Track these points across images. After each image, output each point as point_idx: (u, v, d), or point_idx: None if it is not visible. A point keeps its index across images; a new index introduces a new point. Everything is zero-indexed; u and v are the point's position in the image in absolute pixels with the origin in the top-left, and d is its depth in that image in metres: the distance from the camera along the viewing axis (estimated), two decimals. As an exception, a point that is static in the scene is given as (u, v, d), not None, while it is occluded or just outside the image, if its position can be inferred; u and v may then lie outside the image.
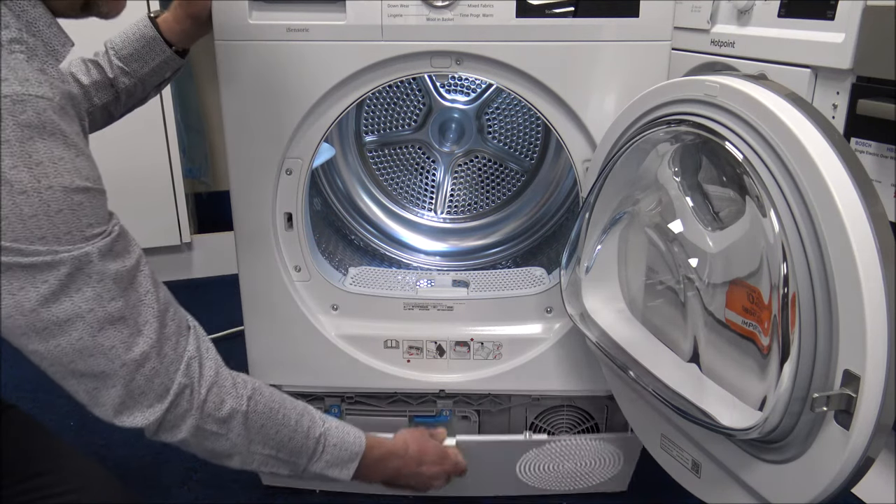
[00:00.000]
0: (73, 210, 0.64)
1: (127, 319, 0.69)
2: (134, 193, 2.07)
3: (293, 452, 0.84)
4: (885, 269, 0.64)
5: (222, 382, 0.78)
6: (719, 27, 1.50)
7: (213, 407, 0.76)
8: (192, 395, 0.75)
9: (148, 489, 1.36)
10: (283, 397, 0.85)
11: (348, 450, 0.88)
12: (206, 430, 0.76)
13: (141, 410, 0.72)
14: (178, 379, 0.73)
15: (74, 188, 0.64)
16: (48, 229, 0.63)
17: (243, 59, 1.02)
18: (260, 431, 0.80)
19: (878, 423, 0.65)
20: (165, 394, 0.73)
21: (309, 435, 0.85)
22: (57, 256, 0.63)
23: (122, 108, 1.03)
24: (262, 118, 1.05)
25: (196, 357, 0.76)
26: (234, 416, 0.78)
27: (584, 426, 1.27)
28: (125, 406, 0.72)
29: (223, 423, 0.77)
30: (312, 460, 0.85)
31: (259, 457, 0.82)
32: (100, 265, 0.67)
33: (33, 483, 0.87)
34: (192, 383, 0.75)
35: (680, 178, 0.91)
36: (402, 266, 1.39)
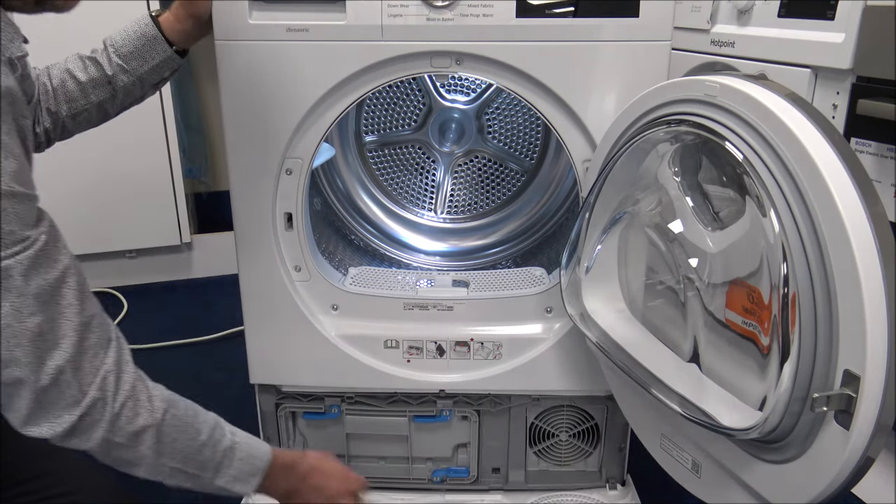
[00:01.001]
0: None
1: (45, 334, 0.68)
2: (134, 193, 2.07)
3: (200, 466, 0.83)
4: (885, 269, 0.64)
5: (138, 396, 0.75)
6: (719, 27, 1.50)
7: (125, 421, 0.74)
8: (105, 409, 0.73)
9: (148, 489, 1.36)
10: (197, 410, 0.83)
11: (254, 464, 0.86)
12: (116, 442, 0.75)
13: (49, 421, 0.70)
14: (90, 392, 0.71)
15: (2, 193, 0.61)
16: None
17: (243, 59, 1.02)
18: (171, 445, 0.79)
19: (878, 423, 0.65)
20: (76, 406, 0.71)
21: (217, 448, 0.83)
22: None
23: (118, 107, 1.03)
24: (262, 118, 1.05)
25: (113, 371, 0.73)
26: (146, 431, 0.76)
27: (584, 426, 1.27)
28: (33, 416, 0.70)
29: (134, 437, 0.76)
30: (218, 474, 0.84)
31: (167, 469, 0.81)
32: (20, 280, 0.64)
33: (31, 485, 0.87)
34: (106, 397, 0.73)
35: (680, 178, 0.91)
36: (402, 266, 1.39)
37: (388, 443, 1.27)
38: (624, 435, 1.26)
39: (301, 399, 1.24)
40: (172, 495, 1.35)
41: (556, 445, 1.28)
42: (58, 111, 0.97)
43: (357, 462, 1.29)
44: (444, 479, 1.29)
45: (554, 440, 1.28)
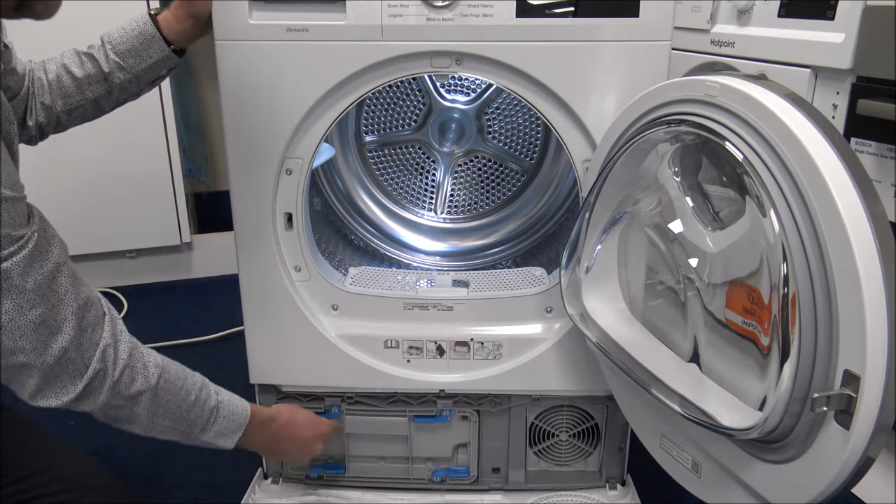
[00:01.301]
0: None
1: (47, 321, 0.72)
2: (134, 193, 2.07)
3: (190, 424, 0.91)
4: (885, 269, 0.64)
5: (134, 364, 0.82)
6: (719, 27, 1.50)
7: (124, 386, 0.81)
8: (105, 378, 0.79)
9: (148, 489, 1.36)
10: (185, 371, 0.91)
11: (236, 421, 0.95)
12: (115, 405, 0.81)
13: (55, 393, 0.76)
14: (93, 365, 0.78)
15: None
16: None
17: (243, 59, 1.02)
18: (164, 406, 0.86)
19: (878, 423, 0.65)
20: (80, 378, 0.77)
21: (205, 408, 0.91)
22: None
23: (113, 102, 1.03)
24: (262, 118, 1.05)
25: (111, 343, 0.80)
26: (142, 394, 0.83)
27: (584, 426, 1.27)
28: (41, 390, 0.76)
29: (132, 399, 0.83)
30: (205, 430, 0.92)
31: (159, 427, 0.88)
32: (18, 280, 0.68)
33: (31, 482, 0.87)
34: (107, 367, 0.79)
35: (680, 178, 0.91)
36: (402, 266, 1.39)
37: (388, 443, 1.27)
38: (624, 435, 1.26)
39: (301, 399, 1.24)
40: (173, 495, 1.35)
41: (556, 445, 1.28)
42: (52, 105, 0.97)
43: (357, 462, 1.29)
44: (444, 479, 1.29)
45: (554, 440, 1.28)
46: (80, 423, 1.56)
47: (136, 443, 1.47)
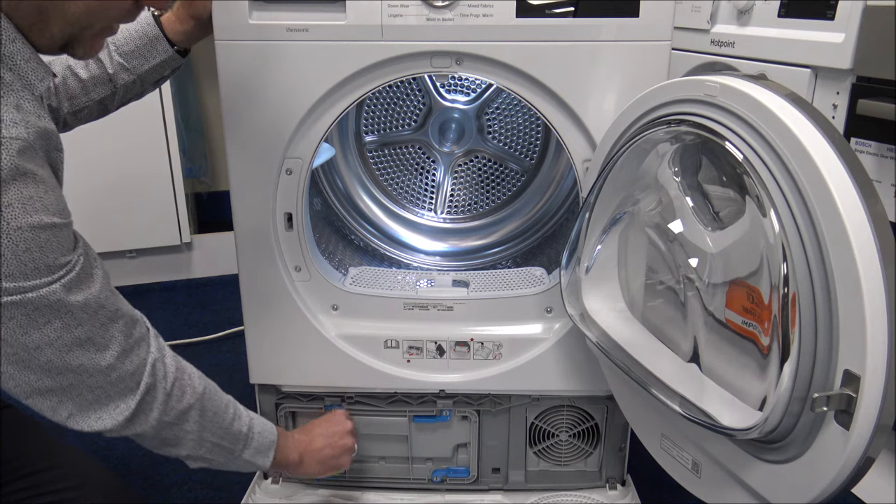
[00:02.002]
0: (41, 247, 0.66)
1: (94, 339, 0.73)
2: (134, 193, 2.07)
3: (234, 439, 0.90)
4: (885, 269, 0.64)
5: (181, 376, 0.83)
6: (719, 27, 1.50)
7: (175, 400, 0.82)
8: (157, 391, 0.80)
9: (148, 489, 1.36)
10: (216, 386, 0.90)
11: (268, 437, 0.95)
12: (167, 421, 0.82)
13: (108, 412, 0.77)
14: (144, 380, 0.78)
15: (42, 226, 0.66)
16: (15, 267, 0.64)
17: (243, 59, 1.02)
18: (211, 420, 0.87)
19: (878, 423, 0.65)
20: (133, 394, 0.78)
21: (242, 423, 0.92)
22: (25, 296, 0.65)
23: (118, 103, 1.03)
24: (262, 118, 1.05)
25: (159, 358, 0.81)
26: (192, 407, 0.84)
27: (584, 426, 1.27)
28: (94, 411, 0.76)
29: (182, 414, 0.83)
30: (246, 447, 0.92)
31: (208, 444, 0.88)
32: (66, 299, 0.69)
33: (32, 480, 0.87)
34: (157, 381, 0.80)
35: (680, 178, 0.91)
36: (402, 266, 1.39)
37: (388, 443, 1.27)
38: (624, 435, 1.26)
39: (301, 399, 1.24)
40: (173, 495, 1.35)
41: (556, 445, 1.28)
42: (59, 108, 0.98)
43: (357, 462, 1.29)
44: (444, 479, 1.29)
45: (554, 440, 1.28)
46: (80, 423, 1.56)
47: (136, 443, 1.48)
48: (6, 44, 0.67)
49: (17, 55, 0.68)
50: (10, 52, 0.68)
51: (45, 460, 0.90)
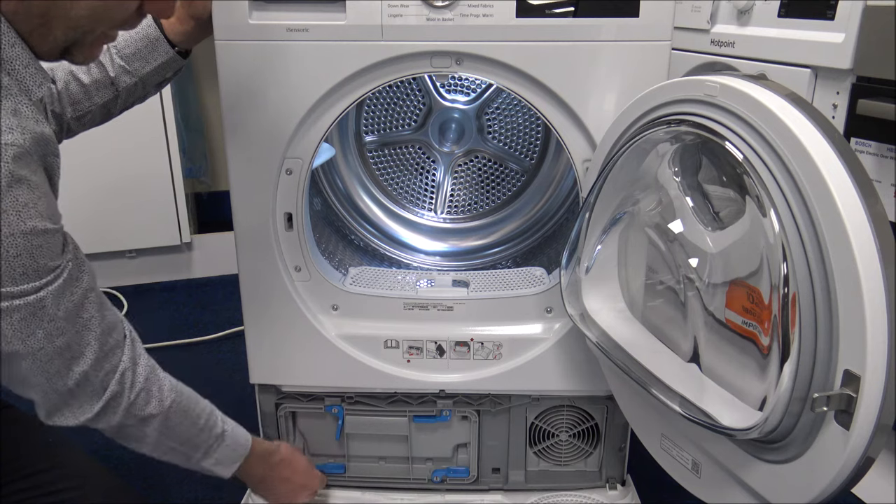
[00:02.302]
0: (31, 253, 0.67)
1: (71, 347, 0.74)
2: (134, 193, 2.07)
3: (194, 447, 0.93)
4: (885, 269, 0.64)
5: (150, 387, 0.84)
6: (719, 27, 1.50)
7: (138, 409, 0.83)
8: (122, 400, 0.81)
9: (148, 489, 1.36)
10: (197, 398, 0.93)
11: (237, 451, 0.98)
12: (127, 424, 0.84)
13: (73, 412, 0.79)
14: (111, 387, 0.80)
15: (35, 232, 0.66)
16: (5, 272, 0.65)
17: (243, 59, 1.02)
18: (174, 430, 0.89)
19: (878, 423, 0.65)
20: (98, 399, 0.79)
21: (211, 434, 0.94)
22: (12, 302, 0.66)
23: (121, 106, 1.03)
24: (262, 118, 1.05)
25: (130, 367, 0.82)
26: (154, 417, 0.85)
27: (584, 426, 1.27)
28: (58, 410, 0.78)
29: (143, 422, 0.85)
30: (207, 456, 0.95)
31: (165, 447, 0.90)
32: (52, 309, 0.70)
33: (33, 480, 0.87)
34: (123, 389, 0.81)
35: (680, 178, 0.91)
36: (402, 266, 1.39)
37: (388, 443, 1.27)
38: (624, 435, 1.26)
39: (301, 399, 1.24)
40: (173, 495, 1.35)
41: (556, 445, 1.28)
42: (62, 113, 0.98)
43: (357, 462, 1.29)
44: (444, 479, 1.29)
45: (554, 440, 1.28)
46: (80, 423, 1.56)
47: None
48: (5, 49, 0.67)
49: (16, 60, 0.68)
50: (9, 56, 0.67)
51: (45, 461, 0.90)
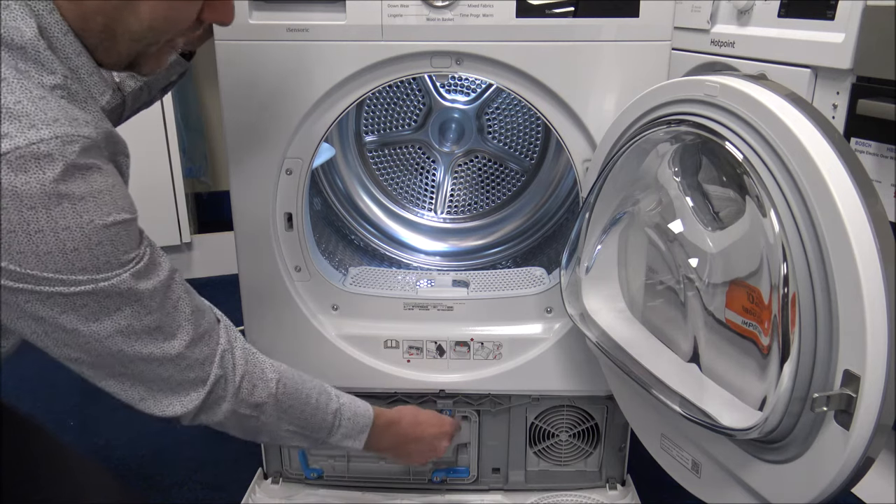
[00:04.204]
0: (112, 241, 0.68)
1: (163, 327, 0.74)
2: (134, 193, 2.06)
3: (315, 428, 0.92)
4: (885, 269, 0.64)
5: (252, 370, 0.84)
6: (719, 27, 1.50)
7: (246, 393, 0.83)
8: (227, 384, 0.81)
9: (148, 489, 1.36)
10: (303, 377, 0.92)
11: (360, 422, 0.97)
12: (241, 413, 0.83)
13: (179, 400, 0.78)
14: (213, 371, 0.79)
15: (113, 222, 0.68)
16: (89, 261, 0.66)
17: (243, 59, 1.02)
18: (287, 412, 0.88)
19: (878, 423, 0.65)
20: (202, 385, 0.79)
21: (328, 411, 0.93)
22: (97, 286, 0.67)
23: (127, 112, 1.03)
24: (262, 118, 1.05)
25: (228, 349, 0.82)
26: (267, 400, 0.85)
27: (584, 426, 1.27)
28: (165, 398, 0.78)
29: (256, 407, 0.85)
30: (331, 434, 0.94)
31: (286, 433, 0.90)
32: (136, 287, 0.71)
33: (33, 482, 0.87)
34: (227, 373, 0.81)
35: (680, 178, 0.91)
36: (402, 266, 1.39)
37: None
38: (624, 435, 1.26)
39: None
40: (173, 495, 1.35)
41: (556, 445, 1.28)
42: None
43: (357, 462, 1.29)
44: (444, 479, 1.29)
45: (554, 440, 1.28)
46: (80, 422, 1.56)
47: (136, 443, 1.48)
48: (72, 57, 0.69)
49: (82, 69, 0.70)
50: (76, 65, 0.70)
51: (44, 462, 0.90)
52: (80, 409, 1.60)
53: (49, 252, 0.63)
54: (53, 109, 0.63)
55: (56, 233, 0.63)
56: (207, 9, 0.76)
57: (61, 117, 0.64)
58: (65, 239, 0.64)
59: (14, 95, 0.62)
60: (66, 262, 0.65)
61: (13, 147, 0.60)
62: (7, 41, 0.63)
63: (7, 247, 0.62)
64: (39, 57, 0.66)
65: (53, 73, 0.67)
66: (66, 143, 0.63)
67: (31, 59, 0.65)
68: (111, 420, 1.54)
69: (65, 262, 0.64)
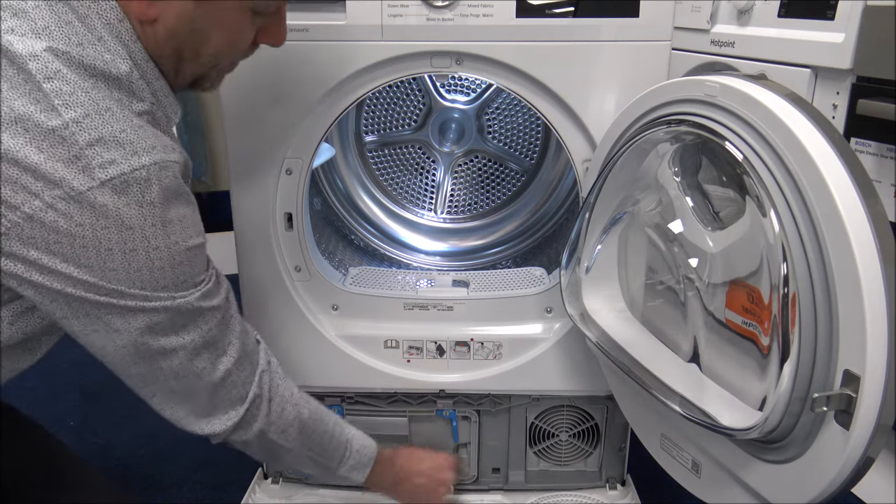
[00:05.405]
0: (190, 262, 0.73)
1: (217, 344, 0.78)
2: (134, 193, 2.06)
3: (330, 457, 0.95)
4: (885, 269, 0.64)
5: (283, 393, 0.88)
6: (719, 27, 1.50)
7: (276, 415, 0.86)
8: (262, 403, 0.84)
9: (148, 489, 1.36)
10: (320, 405, 0.95)
11: (367, 454, 0.99)
12: (269, 434, 0.86)
13: (219, 418, 0.82)
14: (252, 390, 0.83)
15: (193, 245, 0.73)
16: (170, 279, 0.71)
17: (243, 60, 1.02)
18: (310, 437, 0.91)
19: (878, 423, 0.65)
20: (242, 402, 0.82)
21: (342, 440, 0.96)
22: (174, 303, 0.72)
23: None
24: (262, 118, 1.05)
25: (266, 370, 0.86)
26: (293, 424, 0.88)
27: (584, 426, 1.27)
28: (207, 415, 0.81)
29: (285, 429, 0.87)
30: (342, 464, 0.97)
31: (304, 458, 0.92)
32: (204, 307, 0.75)
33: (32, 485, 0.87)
34: (263, 392, 0.84)
35: (680, 178, 0.91)
36: (402, 266, 1.39)
37: (388, 443, 1.26)
38: (624, 435, 1.26)
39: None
40: (173, 495, 1.35)
41: (556, 445, 1.28)
42: None
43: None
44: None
45: (554, 440, 1.28)
46: (80, 423, 1.56)
47: (136, 443, 1.48)
48: (153, 83, 0.73)
49: (160, 92, 0.75)
50: (156, 88, 0.74)
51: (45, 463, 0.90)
52: (80, 410, 1.60)
53: (139, 269, 0.68)
54: (150, 137, 0.68)
55: (147, 252, 0.68)
56: (262, 33, 0.81)
57: (158, 144, 0.68)
58: (153, 258, 0.69)
59: (119, 124, 0.66)
60: (151, 279, 0.69)
61: (119, 173, 0.65)
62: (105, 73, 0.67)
63: (102, 263, 0.66)
64: (133, 87, 0.70)
65: (143, 101, 0.71)
66: (161, 169, 0.68)
67: (125, 88, 0.69)
68: (111, 420, 1.54)
69: (150, 279, 0.69)
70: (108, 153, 0.64)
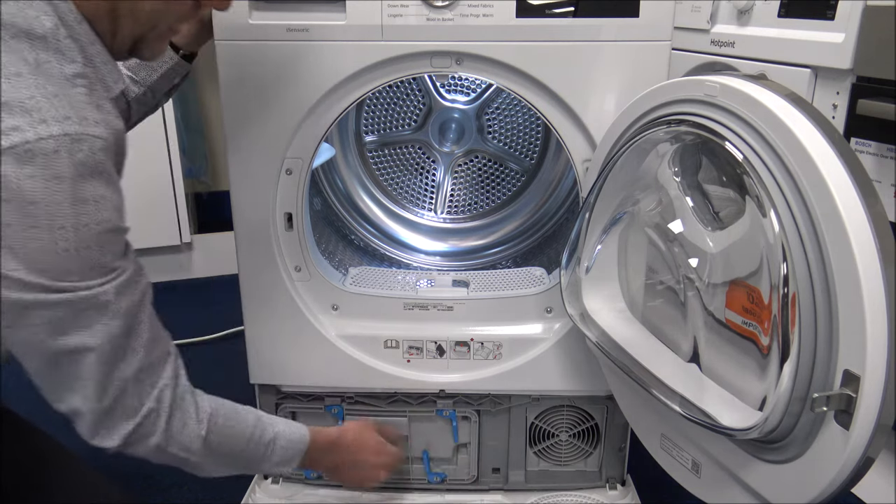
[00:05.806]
0: (101, 247, 0.67)
1: (124, 348, 0.73)
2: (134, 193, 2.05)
3: (248, 461, 0.91)
4: (885, 269, 0.64)
5: (187, 408, 0.81)
6: (719, 27, 1.50)
7: (176, 431, 0.80)
8: (158, 420, 0.78)
9: (148, 489, 1.36)
10: (237, 410, 0.89)
11: (295, 448, 0.96)
12: (169, 451, 0.80)
13: (108, 431, 0.75)
14: (147, 403, 0.76)
15: (108, 228, 0.67)
16: (75, 264, 0.65)
17: (243, 59, 1.02)
18: (217, 449, 0.85)
19: (878, 423, 0.65)
20: (134, 415, 0.76)
21: (260, 443, 0.91)
22: (78, 294, 0.66)
23: (134, 118, 1.03)
24: (262, 118, 1.05)
25: (169, 385, 0.79)
26: (194, 441, 0.82)
27: (584, 426, 1.27)
28: (99, 425, 0.75)
29: (185, 446, 0.81)
30: (263, 464, 0.93)
31: (216, 468, 0.88)
32: (114, 303, 0.70)
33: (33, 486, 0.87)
34: (160, 408, 0.78)
35: (680, 178, 0.91)
36: (402, 266, 1.39)
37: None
38: (624, 435, 1.26)
39: (301, 399, 1.24)
40: (173, 495, 1.35)
41: (556, 445, 1.28)
42: None
43: (357, 462, 1.29)
44: (444, 479, 1.29)
45: (554, 440, 1.28)
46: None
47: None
48: (87, 46, 0.69)
49: (97, 57, 0.71)
50: (91, 53, 0.70)
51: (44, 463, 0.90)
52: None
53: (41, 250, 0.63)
54: (65, 107, 0.63)
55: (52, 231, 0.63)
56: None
57: (73, 115, 0.64)
58: (58, 238, 0.63)
59: (29, 90, 0.62)
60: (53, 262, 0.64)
61: (22, 140, 0.60)
62: (28, 31, 0.64)
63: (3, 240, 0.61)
64: (60, 46, 0.66)
65: (74, 62, 0.67)
66: (74, 141, 0.63)
67: (52, 48, 0.65)
68: (111, 420, 1.54)
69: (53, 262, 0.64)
70: (12, 119, 0.60)
